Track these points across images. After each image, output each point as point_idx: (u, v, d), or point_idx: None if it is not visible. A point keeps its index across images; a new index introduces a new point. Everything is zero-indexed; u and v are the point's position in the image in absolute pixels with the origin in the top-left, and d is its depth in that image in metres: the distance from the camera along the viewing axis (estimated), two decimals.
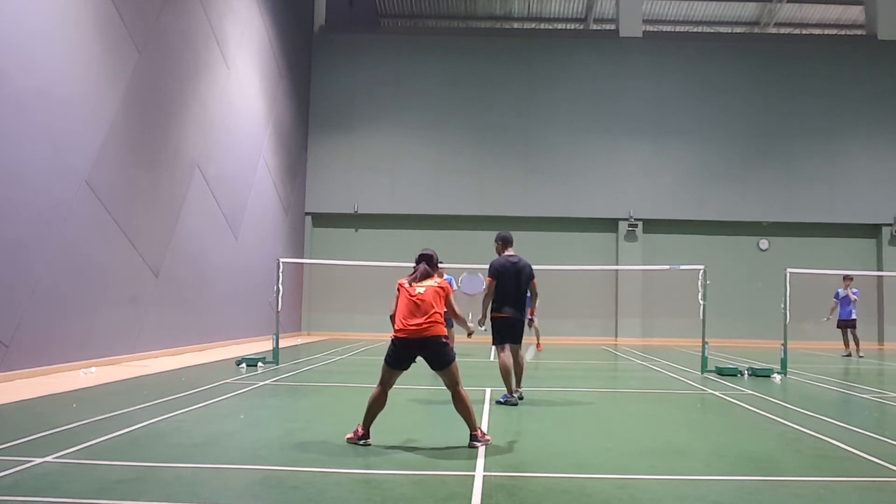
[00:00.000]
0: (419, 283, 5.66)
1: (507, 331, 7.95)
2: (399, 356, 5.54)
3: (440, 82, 22.40)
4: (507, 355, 7.94)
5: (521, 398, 7.93)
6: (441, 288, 5.66)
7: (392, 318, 5.71)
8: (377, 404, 5.54)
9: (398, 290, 5.71)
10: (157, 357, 12.36)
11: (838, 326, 16.42)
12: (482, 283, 7.55)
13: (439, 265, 5.98)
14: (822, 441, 5.95)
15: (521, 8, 26.17)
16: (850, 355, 16.02)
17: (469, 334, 6.34)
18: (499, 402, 7.71)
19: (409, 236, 21.58)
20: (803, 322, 15.98)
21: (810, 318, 16.87)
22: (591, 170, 22.03)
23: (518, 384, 8.02)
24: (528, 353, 8.20)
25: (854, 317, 16.25)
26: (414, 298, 5.55)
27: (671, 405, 8.34)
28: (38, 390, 7.94)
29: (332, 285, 21.73)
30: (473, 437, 5.46)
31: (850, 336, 16.24)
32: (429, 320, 5.48)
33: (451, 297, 5.78)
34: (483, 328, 8.07)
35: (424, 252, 5.87)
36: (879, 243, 21.89)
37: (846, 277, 16.24)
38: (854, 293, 16.24)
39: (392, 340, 5.59)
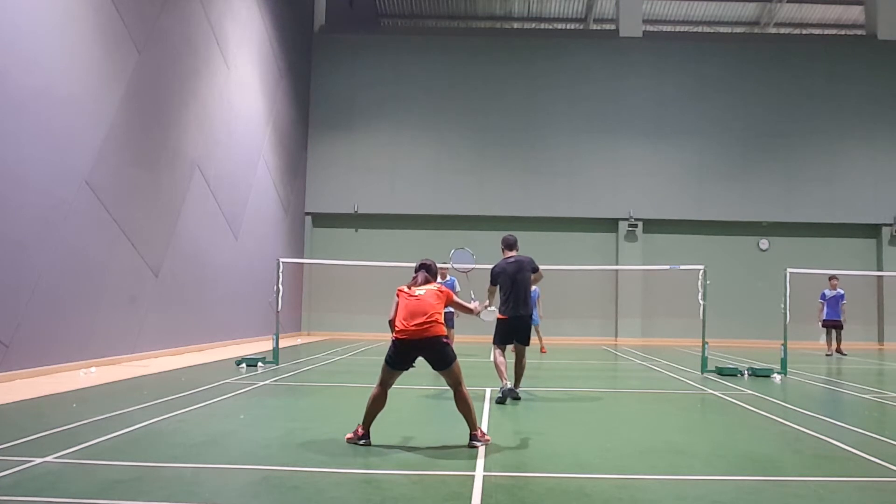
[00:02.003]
0: (419, 287, 5.79)
1: (509, 332, 8.08)
2: (400, 357, 5.60)
3: (440, 82, 22.39)
4: (500, 353, 8.14)
5: (517, 398, 7.93)
6: (440, 291, 5.77)
7: (391, 322, 5.75)
8: (377, 404, 5.56)
9: (397, 295, 5.75)
10: (157, 357, 12.36)
11: (825, 326, 16.37)
12: (471, 258, 7.75)
13: (442, 266, 6.04)
14: (822, 441, 5.95)
15: (521, 8, 26.16)
16: (831, 355, 16.01)
17: (478, 313, 6.47)
18: (498, 401, 7.71)
19: (409, 236, 21.61)
20: (803, 322, 15.95)
21: (812, 318, 16.85)
22: (591, 170, 22.03)
23: (517, 384, 8.04)
24: (488, 315, 8.02)
25: (840, 318, 16.19)
26: (414, 299, 5.64)
27: (671, 405, 8.34)
28: (38, 390, 7.94)
29: (332, 285, 21.72)
30: (473, 437, 5.48)
31: (833, 335, 16.21)
32: (429, 320, 5.54)
33: (454, 297, 5.92)
34: (490, 307, 7.84)
35: (424, 261, 6.02)
36: (879, 243, 21.89)
37: (832, 278, 16.22)
38: (840, 294, 16.16)
39: (393, 342, 5.63)
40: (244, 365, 11.22)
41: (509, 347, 8.29)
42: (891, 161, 21.88)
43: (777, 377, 10.85)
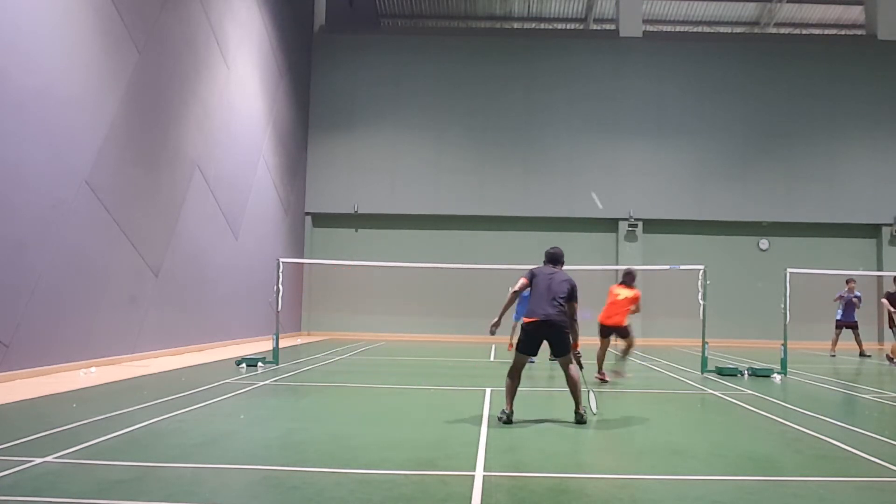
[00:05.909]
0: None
1: (528, 340, 6.87)
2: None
3: (440, 82, 22.39)
4: (514, 368, 6.86)
5: (581, 421, 6.49)
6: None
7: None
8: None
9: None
10: (157, 357, 12.36)
11: (839, 327, 16.41)
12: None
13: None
14: (822, 441, 5.95)
15: (521, 8, 26.16)
16: (835, 356, 16.11)
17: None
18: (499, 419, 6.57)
19: (409, 236, 21.62)
20: (803, 322, 15.98)
21: (812, 318, 16.87)
22: (591, 170, 22.02)
23: (577, 406, 6.65)
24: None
25: (856, 318, 16.31)
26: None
27: (671, 405, 8.34)
28: (38, 390, 7.94)
29: (332, 285, 21.72)
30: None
31: (843, 337, 16.30)
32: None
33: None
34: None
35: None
36: (879, 243, 21.88)
37: (849, 280, 16.27)
38: (857, 296, 16.25)
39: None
40: (244, 365, 11.22)
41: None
42: (891, 161, 21.87)
43: (777, 377, 10.86)
